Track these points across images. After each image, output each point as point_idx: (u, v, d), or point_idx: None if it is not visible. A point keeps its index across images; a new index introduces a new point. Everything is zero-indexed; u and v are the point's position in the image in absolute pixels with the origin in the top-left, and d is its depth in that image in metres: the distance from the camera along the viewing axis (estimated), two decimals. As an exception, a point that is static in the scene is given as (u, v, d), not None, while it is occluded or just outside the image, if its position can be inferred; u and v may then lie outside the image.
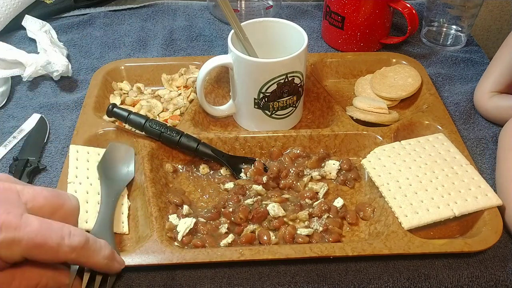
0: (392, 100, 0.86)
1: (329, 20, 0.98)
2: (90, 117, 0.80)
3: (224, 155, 0.75)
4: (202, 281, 0.63)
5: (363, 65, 0.92)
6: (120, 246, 0.66)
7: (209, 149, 0.75)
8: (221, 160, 0.75)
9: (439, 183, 0.69)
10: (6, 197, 0.51)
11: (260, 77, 0.75)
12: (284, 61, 0.74)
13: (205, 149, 0.75)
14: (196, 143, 0.74)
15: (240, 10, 1.10)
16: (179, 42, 1.02)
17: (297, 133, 0.78)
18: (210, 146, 0.75)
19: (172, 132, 0.75)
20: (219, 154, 0.75)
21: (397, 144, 0.75)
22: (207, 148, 0.75)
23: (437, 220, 0.66)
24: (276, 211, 0.69)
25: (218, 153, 0.75)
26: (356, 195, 0.74)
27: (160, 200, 0.70)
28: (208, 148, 0.75)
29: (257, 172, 0.74)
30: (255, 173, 0.74)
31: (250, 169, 0.75)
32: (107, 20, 1.09)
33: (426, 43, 1.02)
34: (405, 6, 0.92)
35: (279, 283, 0.63)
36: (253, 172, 0.74)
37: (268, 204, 0.70)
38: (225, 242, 0.66)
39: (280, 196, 0.71)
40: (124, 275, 0.63)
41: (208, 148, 0.75)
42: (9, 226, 0.48)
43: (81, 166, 0.72)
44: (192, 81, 0.88)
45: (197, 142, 0.75)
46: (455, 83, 0.91)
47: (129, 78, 0.90)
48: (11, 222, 0.48)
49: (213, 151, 0.75)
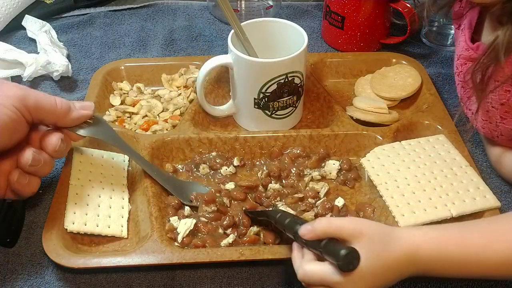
0: (392, 100, 0.85)
1: (329, 20, 0.98)
2: (90, 117, 0.80)
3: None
4: (202, 281, 0.63)
5: (363, 65, 0.92)
6: (120, 247, 0.67)
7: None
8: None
9: (437, 183, 0.69)
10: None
11: (260, 77, 0.75)
12: (284, 61, 0.74)
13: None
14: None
15: (240, 10, 1.10)
16: (179, 42, 1.02)
17: (297, 133, 0.78)
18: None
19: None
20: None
21: (397, 144, 0.75)
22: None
23: (434, 220, 0.65)
24: None
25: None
26: (356, 195, 0.74)
27: (160, 200, 0.70)
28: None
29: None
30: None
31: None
32: (107, 20, 1.09)
33: (426, 43, 1.02)
34: (405, 6, 0.92)
35: (279, 283, 0.63)
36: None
37: (279, 206, 0.70)
38: (226, 242, 0.65)
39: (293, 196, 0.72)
40: (124, 275, 0.63)
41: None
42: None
43: (84, 169, 0.72)
44: (192, 81, 0.88)
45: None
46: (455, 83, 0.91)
47: (129, 78, 0.90)
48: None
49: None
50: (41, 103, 0.61)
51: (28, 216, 0.70)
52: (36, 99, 0.60)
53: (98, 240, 0.67)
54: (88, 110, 0.66)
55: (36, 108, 0.60)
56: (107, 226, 0.67)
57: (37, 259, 0.65)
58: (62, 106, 0.63)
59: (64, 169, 0.72)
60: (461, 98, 0.77)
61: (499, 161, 0.74)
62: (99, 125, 0.68)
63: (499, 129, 0.71)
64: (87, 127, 0.67)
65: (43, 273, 0.64)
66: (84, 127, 0.66)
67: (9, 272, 0.64)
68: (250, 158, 0.78)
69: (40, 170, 0.62)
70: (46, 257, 0.63)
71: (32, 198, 0.72)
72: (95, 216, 0.67)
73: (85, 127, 0.66)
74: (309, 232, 0.55)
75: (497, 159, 0.74)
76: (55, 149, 0.62)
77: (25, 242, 0.67)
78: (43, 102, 0.61)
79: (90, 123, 0.67)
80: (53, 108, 0.62)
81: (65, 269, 0.63)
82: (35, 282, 0.63)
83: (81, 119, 0.65)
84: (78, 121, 0.65)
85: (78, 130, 0.66)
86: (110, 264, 0.62)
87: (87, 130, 0.67)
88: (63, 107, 0.63)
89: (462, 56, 0.74)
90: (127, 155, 0.74)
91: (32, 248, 0.66)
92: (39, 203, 0.72)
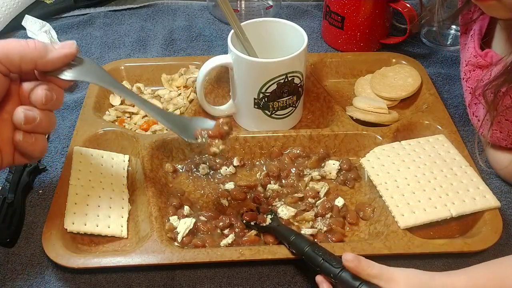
0: (392, 100, 0.86)
1: (329, 20, 0.98)
2: (90, 117, 0.80)
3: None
4: (202, 281, 0.63)
5: (363, 65, 0.92)
6: (120, 247, 0.67)
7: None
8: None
9: (437, 183, 0.69)
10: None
11: (260, 77, 0.75)
12: (284, 61, 0.74)
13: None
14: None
15: (240, 10, 1.10)
16: (179, 42, 1.02)
17: (297, 133, 0.78)
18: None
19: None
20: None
21: (397, 144, 0.75)
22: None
23: (433, 220, 0.66)
24: (286, 213, 0.69)
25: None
26: (356, 195, 0.74)
27: (160, 200, 0.70)
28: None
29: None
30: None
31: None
32: (107, 20, 1.09)
33: (426, 43, 1.02)
34: (405, 6, 0.92)
35: (279, 283, 0.63)
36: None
37: (279, 206, 0.70)
38: (225, 242, 0.66)
39: (293, 195, 0.72)
40: (124, 275, 0.63)
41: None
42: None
43: (83, 169, 0.72)
44: (192, 81, 0.88)
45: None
46: (455, 83, 0.91)
47: (129, 78, 0.90)
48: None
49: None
50: (9, 47, 0.55)
51: (28, 216, 0.70)
52: (2, 46, 0.55)
53: (98, 240, 0.67)
54: (69, 48, 0.58)
55: (6, 55, 0.55)
56: (107, 226, 0.67)
57: (37, 259, 0.65)
58: (36, 46, 0.56)
59: (64, 169, 0.72)
60: (469, 104, 0.76)
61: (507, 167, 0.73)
62: (85, 65, 0.60)
63: (511, 138, 0.71)
64: (71, 69, 0.59)
65: (43, 273, 0.64)
66: (68, 70, 0.59)
67: (9, 272, 0.64)
68: (250, 158, 0.78)
69: (40, 127, 0.57)
70: (46, 257, 0.64)
71: (32, 198, 0.72)
72: (95, 216, 0.67)
73: (69, 69, 0.59)
74: (354, 260, 0.56)
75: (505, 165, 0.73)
76: (43, 101, 0.57)
77: (25, 242, 0.67)
78: (12, 46, 0.55)
79: (74, 64, 0.59)
80: (24, 49, 0.56)
81: (65, 269, 0.63)
82: (35, 282, 0.63)
83: (63, 59, 0.58)
84: (59, 61, 0.57)
85: (62, 74, 0.58)
86: (110, 264, 0.62)
87: (72, 72, 0.59)
88: (38, 47, 0.56)
89: (470, 63, 0.73)
90: (122, 95, 0.65)
91: (32, 248, 0.66)
92: (39, 203, 0.72)
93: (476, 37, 0.73)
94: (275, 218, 0.68)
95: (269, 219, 0.67)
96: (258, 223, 0.67)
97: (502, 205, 0.68)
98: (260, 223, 0.67)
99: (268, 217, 0.68)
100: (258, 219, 0.68)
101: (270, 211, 0.69)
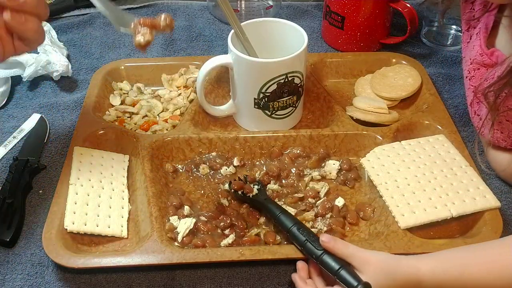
0: (392, 100, 0.85)
1: (329, 20, 0.98)
2: (90, 117, 0.80)
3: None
4: (202, 281, 0.63)
5: (363, 65, 0.92)
6: (120, 247, 0.67)
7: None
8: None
9: (437, 183, 0.69)
10: None
11: (260, 77, 0.75)
12: (284, 61, 0.74)
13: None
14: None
15: (240, 10, 1.10)
16: (179, 42, 1.02)
17: (297, 133, 0.78)
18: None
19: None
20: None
21: (397, 144, 0.75)
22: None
23: (434, 220, 0.66)
24: None
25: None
26: (356, 195, 0.74)
27: (160, 200, 0.70)
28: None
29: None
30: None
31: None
32: (107, 20, 1.08)
33: (426, 43, 1.02)
34: (405, 6, 0.92)
35: (279, 283, 0.63)
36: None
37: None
38: (226, 242, 0.65)
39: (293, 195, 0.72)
40: (124, 275, 0.63)
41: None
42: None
43: (84, 169, 0.72)
44: (192, 81, 0.88)
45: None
46: (455, 83, 0.91)
47: (129, 78, 0.90)
48: None
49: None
50: None
51: (28, 216, 0.70)
52: None
53: (98, 240, 0.67)
54: None
55: None
56: (107, 226, 0.67)
57: (37, 259, 0.65)
58: None
59: (64, 169, 0.72)
60: (470, 103, 0.76)
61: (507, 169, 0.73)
62: None
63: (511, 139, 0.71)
64: None
65: (43, 273, 0.64)
66: None
67: (9, 272, 0.64)
68: (250, 158, 0.78)
69: (26, 5, 0.56)
70: (46, 257, 0.64)
71: (32, 198, 0.72)
72: (95, 216, 0.67)
73: None
74: (330, 241, 0.60)
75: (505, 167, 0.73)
76: None
77: (25, 242, 0.67)
78: None
79: None
80: None
81: (65, 269, 0.63)
82: (35, 282, 0.63)
83: None
84: None
85: None
86: (110, 264, 0.62)
87: None
88: None
89: (475, 61, 0.73)
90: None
91: (32, 248, 0.66)
92: (39, 203, 0.72)
93: (482, 35, 0.73)
94: (262, 190, 0.69)
95: (255, 189, 0.69)
96: (245, 193, 0.69)
97: (502, 205, 0.68)
98: (247, 193, 0.69)
99: (254, 187, 0.69)
100: (245, 188, 0.69)
101: (257, 181, 0.71)
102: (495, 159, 0.75)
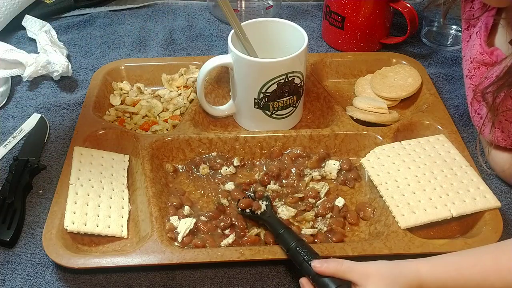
0: (392, 100, 0.85)
1: (329, 20, 0.98)
2: (90, 117, 0.80)
3: None
4: (202, 281, 0.63)
5: (363, 65, 0.92)
6: (120, 247, 0.67)
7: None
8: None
9: (437, 183, 0.69)
10: None
11: (260, 77, 0.75)
12: (284, 61, 0.74)
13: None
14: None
15: (240, 10, 1.10)
16: (179, 42, 1.02)
17: (297, 133, 0.78)
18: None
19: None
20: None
21: (397, 144, 0.75)
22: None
23: (434, 221, 0.66)
24: (286, 213, 0.69)
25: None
26: (356, 195, 0.74)
27: (161, 200, 0.70)
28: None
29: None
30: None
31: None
32: (107, 20, 1.09)
33: (426, 43, 1.02)
34: (405, 6, 0.92)
35: (279, 283, 0.63)
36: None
37: (279, 206, 0.70)
38: (226, 242, 0.65)
39: (293, 195, 0.72)
40: (124, 275, 0.63)
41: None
42: None
43: (84, 169, 0.72)
44: (192, 81, 0.88)
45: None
46: (455, 83, 0.91)
47: (129, 78, 0.90)
48: None
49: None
50: None
51: (28, 216, 0.70)
52: None
53: (98, 240, 0.67)
54: None
55: None
56: (107, 226, 0.67)
57: (37, 259, 0.65)
58: None
59: (64, 169, 0.72)
60: (471, 102, 0.76)
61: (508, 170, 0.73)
62: None
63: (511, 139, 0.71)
64: None
65: (43, 273, 0.64)
66: None
67: (9, 272, 0.64)
68: (250, 158, 0.78)
69: None
70: (46, 257, 0.64)
71: (32, 198, 0.72)
72: (95, 216, 0.67)
73: None
74: (322, 264, 0.58)
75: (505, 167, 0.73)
76: None
77: (25, 242, 0.67)
78: None
79: None
80: None
81: (65, 269, 0.63)
82: (35, 282, 0.63)
83: None
84: None
85: None
86: (110, 264, 0.62)
87: None
88: None
89: (475, 60, 0.73)
90: None
91: (32, 248, 0.66)
92: (39, 203, 0.72)
93: (482, 34, 0.73)
94: (269, 206, 0.68)
95: (264, 205, 0.68)
96: (253, 210, 0.68)
97: (502, 205, 0.68)
98: (255, 210, 0.68)
99: (263, 203, 0.68)
100: (254, 206, 0.68)
101: (266, 196, 0.70)
102: (495, 160, 0.75)
